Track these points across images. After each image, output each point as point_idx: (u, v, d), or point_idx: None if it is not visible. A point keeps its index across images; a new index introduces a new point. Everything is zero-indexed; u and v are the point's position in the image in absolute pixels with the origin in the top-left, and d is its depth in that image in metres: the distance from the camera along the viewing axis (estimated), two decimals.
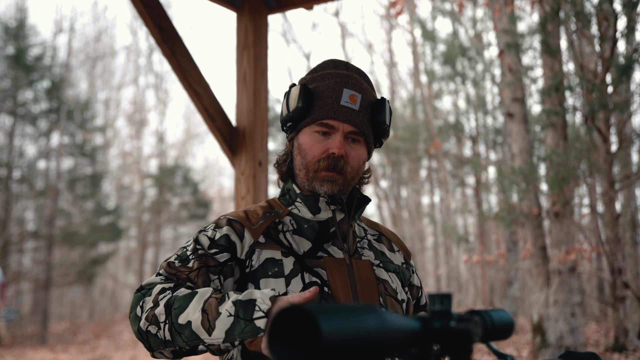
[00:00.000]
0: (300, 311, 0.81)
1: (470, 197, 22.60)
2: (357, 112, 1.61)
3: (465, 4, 16.28)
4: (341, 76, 1.64)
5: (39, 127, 20.60)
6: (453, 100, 20.00)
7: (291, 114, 1.63)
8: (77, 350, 16.31)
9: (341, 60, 1.72)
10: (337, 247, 1.63)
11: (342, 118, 1.59)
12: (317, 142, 1.61)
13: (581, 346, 9.42)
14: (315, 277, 1.55)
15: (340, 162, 1.60)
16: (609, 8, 9.25)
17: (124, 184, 28.82)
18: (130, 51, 30.28)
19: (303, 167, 1.64)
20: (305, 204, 1.66)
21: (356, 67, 1.72)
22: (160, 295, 1.44)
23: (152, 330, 1.42)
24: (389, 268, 1.71)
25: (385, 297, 1.63)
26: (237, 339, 1.31)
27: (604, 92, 9.15)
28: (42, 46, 20.40)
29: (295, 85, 1.66)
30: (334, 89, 1.61)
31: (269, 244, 1.58)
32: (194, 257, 1.54)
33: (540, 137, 14.43)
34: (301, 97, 1.61)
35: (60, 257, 20.73)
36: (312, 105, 1.62)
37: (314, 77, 1.67)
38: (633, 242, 11.44)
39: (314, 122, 1.61)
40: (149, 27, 2.99)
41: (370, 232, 1.78)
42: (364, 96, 1.64)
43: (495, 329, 0.98)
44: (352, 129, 1.61)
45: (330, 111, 1.59)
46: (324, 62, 1.72)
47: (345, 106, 1.60)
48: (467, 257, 11.97)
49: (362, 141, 1.65)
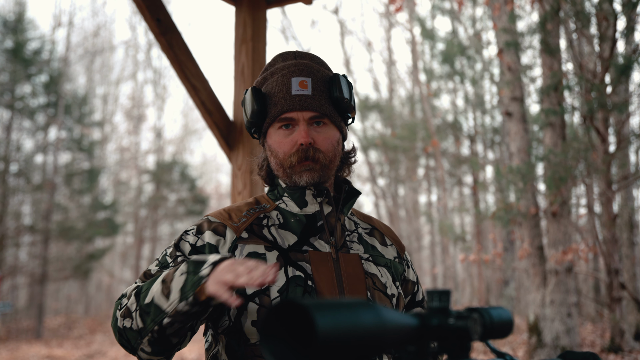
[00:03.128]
0: (296, 306, 0.79)
1: (467, 196, 22.62)
2: (311, 96, 1.59)
3: (465, 2, 16.27)
4: (288, 67, 1.62)
5: (36, 121, 20.56)
6: (451, 99, 20.02)
7: (250, 120, 1.63)
8: (72, 345, 16.29)
9: (290, 51, 1.70)
10: (324, 241, 1.61)
11: (297, 107, 1.57)
12: (284, 138, 1.60)
13: (577, 347, 9.43)
14: (298, 271, 1.54)
15: (310, 151, 1.58)
16: (609, 8, 9.24)
17: (121, 179, 28.80)
18: (129, 46, 30.23)
19: (279, 166, 1.62)
20: (292, 197, 1.64)
21: (306, 52, 1.70)
22: (133, 291, 1.47)
23: (127, 324, 1.44)
24: (379, 262, 1.69)
25: (373, 292, 1.61)
26: (189, 293, 1.34)
27: (602, 92, 9.14)
28: (40, 40, 20.36)
29: (247, 91, 1.66)
30: (282, 81, 1.60)
31: (251, 239, 1.58)
32: (172, 264, 1.55)
33: (538, 137, 14.44)
34: (254, 100, 1.60)
35: (57, 251, 20.70)
36: (267, 105, 1.61)
37: (264, 77, 1.67)
38: (630, 243, 11.44)
39: (273, 120, 1.60)
40: (146, 20, 2.97)
41: (362, 225, 1.76)
42: (315, 78, 1.61)
43: (495, 327, 0.96)
44: (312, 114, 1.59)
45: (284, 104, 1.58)
46: (272, 59, 1.71)
47: (297, 94, 1.58)
48: (464, 256, 11.97)
49: (329, 122, 1.62)
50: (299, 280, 1.52)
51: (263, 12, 3.39)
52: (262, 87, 1.66)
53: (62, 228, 19.80)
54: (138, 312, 1.41)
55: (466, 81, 18.45)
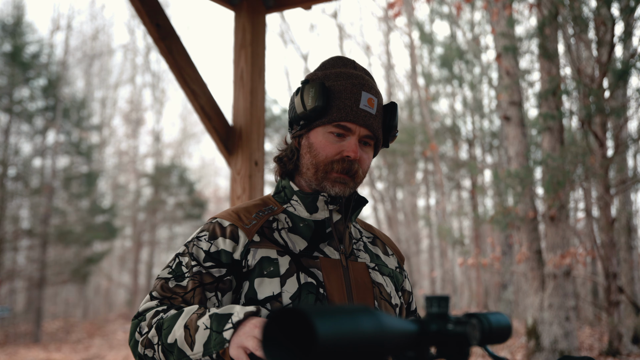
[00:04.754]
0: (295, 312, 0.79)
1: (466, 200, 22.62)
2: (374, 116, 1.60)
3: (463, 7, 16.29)
4: (357, 77, 1.62)
5: (34, 125, 20.54)
6: (450, 103, 20.03)
7: (307, 112, 1.59)
8: (71, 349, 16.26)
9: (348, 58, 1.70)
10: (333, 248, 1.61)
11: (360, 122, 1.58)
12: (331, 143, 1.59)
13: (575, 350, 9.43)
14: (310, 278, 1.53)
15: (355, 166, 1.59)
16: (607, 13, 9.26)
17: (120, 183, 28.77)
18: (128, 50, 30.25)
19: (312, 166, 1.61)
20: (303, 202, 1.63)
21: (362, 66, 1.70)
22: (153, 320, 1.46)
23: (148, 354, 1.45)
24: (383, 272, 1.69)
25: (380, 301, 1.62)
26: (212, 351, 1.34)
27: (600, 97, 9.17)
28: (39, 44, 20.35)
29: (308, 82, 1.61)
30: (352, 90, 1.59)
31: (263, 242, 1.56)
32: (189, 275, 1.53)
33: (536, 141, 14.45)
34: (320, 95, 1.57)
35: (55, 255, 20.67)
36: (331, 106, 1.58)
37: (326, 74, 1.64)
38: (628, 247, 11.45)
39: (330, 122, 1.58)
40: (146, 25, 2.97)
41: (365, 234, 1.77)
42: (379, 100, 1.63)
43: (493, 332, 0.97)
44: (368, 133, 1.60)
45: (349, 114, 1.57)
46: (332, 60, 1.69)
47: (364, 110, 1.58)
48: (462, 260, 11.97)
49: (372, 145, 1.65)
50: (311, 287, 1.52)
51: (262, 17, 3.40)
52: (326, 84, 1.62)
53: (60, 232, 19.77)
54: (160, 347, 1.42)
55: (464, 85, 18.48)
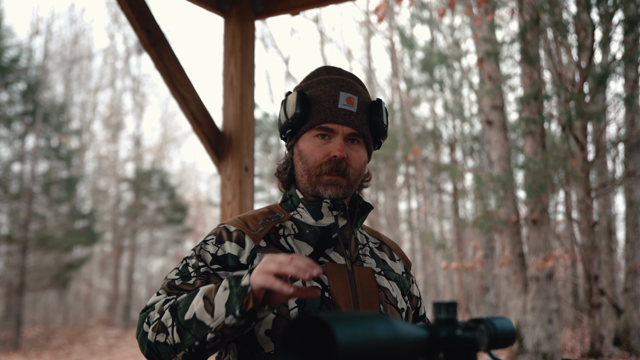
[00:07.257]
0: (315, 320, 0.81)
1: (447, 203, 22.73)
2: (355, 114, 1.63)
3: (446, 11, 16.40)
4: (336, 80, 1.66)
5: (14, 130, 20.33)
6: (431, 107, 20.14)
7: (290, 121, 1.64)
8: (51, 356, 16.10)
9: (334, 66, 1.74)
10: (339, 253, 1.63)
11: (341, 121, 1.61)
12: (318, 146, 1.62)
13: (558, 352, 9.51)
14: (316, 282, 1.54)
15: (343, 165, 1.61)
16: (587, 18, 9.38)
17: (100, 187, 28.53)
18: (108, 54, 30.06)
19: (305, 172, 1.64)
20: (308, 209, 1.66)
21: (349, 72, 1.74)
22: (165, 306, 1.46)
23: (160, 339, 1.43)
24: (389, 276, 1.71)
25: (385, 305, 1.63)
26: (235, 307, 1.33)
27: (581, 101, 9.27)
28: (18, 48, 20.15)
29: (291, 93, 1.67)
30: (330, 93, 1.63)
31: (270, 248, 1.58)
32: (195, 274, 1.55)
33: (518, 145, 14.56)
34: (298, 103, 1.62)
35: (35, 261, 20.43)
36: (310, 111, 1.63)
37: (309, 84, 1.69)
38: (609, 250, 11.57)
39: (313, 127, 1.62)
40: (136, 31, 2.97)
41: (371, 240, 1.79)
42: (360, 98, 1.66)
43: (499, 337, 0.99)
44: (352, 130, 1.62)
45: (328, 115, 1.61)
46: (317, 70, 1.75)
47: (343, 109, 1.61)
48: (445, 263, 12.03)
49: (362, 142, 1.67)
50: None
51: (252, 23, 3.40)
52: (306, 92, 1.67)
53: (40, 237, 19.56)
54: (175, 327, 1.41)
55: (445, 89, 18.59)
